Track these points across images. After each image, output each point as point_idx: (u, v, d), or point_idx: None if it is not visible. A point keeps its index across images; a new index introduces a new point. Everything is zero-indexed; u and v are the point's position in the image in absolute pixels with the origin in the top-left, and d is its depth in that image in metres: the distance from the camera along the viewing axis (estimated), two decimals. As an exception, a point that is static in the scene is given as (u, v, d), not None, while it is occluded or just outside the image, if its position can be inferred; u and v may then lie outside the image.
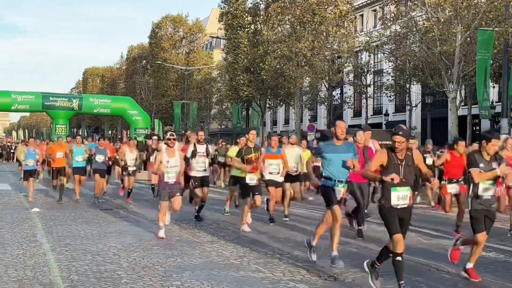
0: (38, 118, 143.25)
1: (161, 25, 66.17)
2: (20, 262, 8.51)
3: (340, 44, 39.53)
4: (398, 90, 43.94)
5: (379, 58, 46.07)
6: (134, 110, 53.77)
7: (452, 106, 31.52)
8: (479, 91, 28.12)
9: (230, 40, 45.00)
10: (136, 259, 8.78)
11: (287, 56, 38.59)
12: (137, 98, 66.50)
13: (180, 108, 58.41)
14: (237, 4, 43.77)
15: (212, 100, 66.71)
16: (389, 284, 7.36)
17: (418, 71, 36.89)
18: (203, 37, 67.77)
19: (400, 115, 46.89)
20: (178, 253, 9.33)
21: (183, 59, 64.00)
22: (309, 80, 41.24)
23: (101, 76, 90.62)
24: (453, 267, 8.32)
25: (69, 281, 7.42)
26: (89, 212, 14.71)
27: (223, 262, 8.67)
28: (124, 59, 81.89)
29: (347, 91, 49.44)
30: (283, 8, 39.30)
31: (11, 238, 10.61)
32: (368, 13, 51.92)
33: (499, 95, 33.20)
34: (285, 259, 8.78)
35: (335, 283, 7.51)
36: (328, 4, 38.80)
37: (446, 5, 29.98)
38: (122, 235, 11.11)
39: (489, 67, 27.93)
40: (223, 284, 7.31)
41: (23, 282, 7.33)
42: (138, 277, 7.60)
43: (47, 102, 51.28)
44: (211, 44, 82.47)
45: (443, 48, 30.02)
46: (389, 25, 34.90)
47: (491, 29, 27.71)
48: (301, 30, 38.47)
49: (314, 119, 52.84)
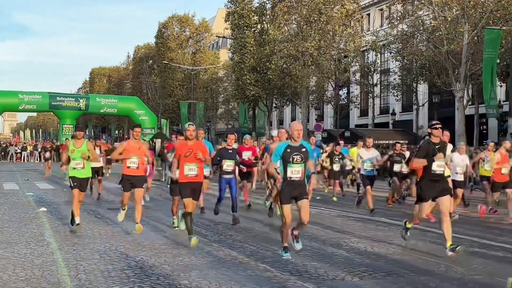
0: (45, 118, 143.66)
1: (167, 25, 66.26)
2: (28, 261, 8.52)
3: (347, 43, 39.51)
4: (405, 89, 43.87)
5: (386, 57, 45.98)
6: (141, 110, 53.88)
7: (459, 105, 31.43)
8: (486, 90, 28.03)
9: (237, 39, 45.02)
10: (144, 258, 8.77)
11: (294, 56, 38.57)
12: (144, 98, 66.65)
13: (187, 108, 58.47)
14: (243, 4, 43.81)
15: (219, 100, 66.76)
16: (388, 284, 7.33)
17: (425, 70, 36.83)
18: (209, 36, 67.83)
19: (407, 115, 46.78)
20: (186, 252, 9.32)
21: (189, 59, 64.06)
22: (315, 80, 41.23)
23: (107, 76, 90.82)
24: (461, 266, 8.28)
25: (77, 280, 7.41)
26: (96, 212, 14.73)
27: (230, 261, 8.65)
28: (130, 59, 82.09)
29: (353, 91, 49.38)
30: (290, 7, 39.30)
31: (19, 237, 10.62)
32: (374, 12, 51.81)
33: (507, 94, 33.09)
34: (293, 258, 8.76)
35: (343, 282, 7.48)
36: (335, 4, 38.78)
37: (453, 4, 29.90)
38: (129, 234, 11.10)
39: (495, 66, 27.83)
40: (230, 283, 7.29)
41: (31, 281, 7.33)
42: (145, 276, 7.59)
43: (54, 102, 51.46)
44: (218, 44, 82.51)
45: (450, 47, 29.95)
46: (396, 24, 34.85)
47: (498, 28, 27.63)
48: (307, 29, 38.45)
49: (321, 118, 52.78)
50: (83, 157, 11.30)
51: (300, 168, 8.65)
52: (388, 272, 8.00)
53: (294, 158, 8.60)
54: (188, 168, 9.97)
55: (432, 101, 40.29)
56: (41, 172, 34.03)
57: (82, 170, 11.39)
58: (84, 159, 11.34)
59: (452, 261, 8.61)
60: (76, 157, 11.33)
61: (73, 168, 11.36)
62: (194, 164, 10.02)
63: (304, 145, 8.78)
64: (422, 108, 43.13)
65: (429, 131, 9.31)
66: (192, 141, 10.09)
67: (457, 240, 9.78)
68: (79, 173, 11.37)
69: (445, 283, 7.46)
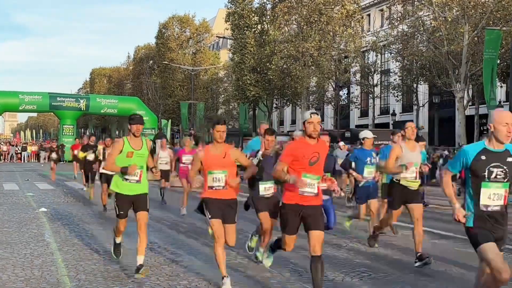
0: (45, 119, 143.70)
1: (168, 25, 66.27)
2: (27, 261, 8.51)
3: (347, 44, 39.53)
4: (405, 90, 43.86)
5: (386, 58, 45.98)
6: (141, 110, 53.80)
7: (459, 105, 31.43)
8: (486, 91, 28.03)
9: (237, 40, 45.04)
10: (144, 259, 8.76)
11: (294, 56, 38.58)
12: (144, 98, 66.63)
13: (187, 108, 58.49)
14: (243, 4, 43.81)
15: (219, 100, 66.76)
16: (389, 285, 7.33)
17: (425, 71, 36.82)
18: (209, 37, 67.84)
19: (407, 115, 46.77)
20: (185, 252, 9.32)
21: (189, 59, 64.07)
22: (316, 80, 41.23)
23: (108, 77, 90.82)
24: (460, 268, 8.27)
25: (76, 280, 7.41)
26: (96, 212, 14.72)
27: (230, 261, 8.64)
28: (131, 59, 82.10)
29: (354, 91, 49.37)
30: (290, 8, 39.31)
31: (19, 237, 10.61)
32: (375, 12, 51.81)
33: (507, 94, 33.07)
34: (293, 259, 8.75)
35: (342, 282, 7.48)
36: (335, 4, 38.79)
37: (453, 5, 29.91)
38: (129, 235, 11.09)
39: (496, 66, 27.83)
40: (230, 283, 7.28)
41: (31, 281, 7.32)
42: (145, 277, 7.59)
43: (54, 102, 51.43)
44: (218, 44, 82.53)
45: (450, 47, 29.96)
46: (396, 25, 34.87)
47: (498, 29, 27.62)
48: (308, 30, 38.47)
49: (321, 119, 52.73)
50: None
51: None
52: (388, 272, 7.99)
53: None
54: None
55: (432, 101, 40.25)
56: (40, 172, 33.99)
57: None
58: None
59: (452, 262, 8.60)
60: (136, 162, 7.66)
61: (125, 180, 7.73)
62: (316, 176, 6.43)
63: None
64: (422, 108, 43.12)
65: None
66: (315, 139, 6.42)
67: (456, 240, 9.77)
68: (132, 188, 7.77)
69: (445, 284, 7.45)
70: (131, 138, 7.66)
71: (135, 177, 7.62)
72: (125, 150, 7.61)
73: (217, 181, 6.93)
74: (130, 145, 7.63)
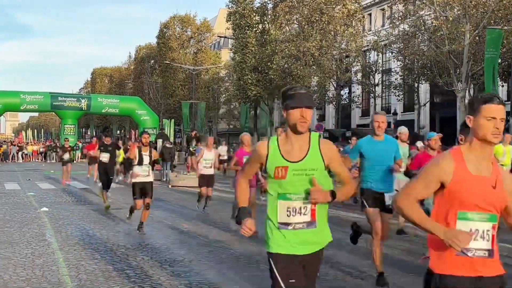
0: (47, 118, 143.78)
1: (169, 25, 66.28)
2: (28, 261, 8.52)
3: (348, 43, 39.50)
4: (407, 89, 43.81)
5: (388, 57, 45.93)
6: (143, 110, 53.84)
7: (461, 105, 31.40)
8: (487, 90, 27.98)
9: (238, 39, 45.02)
10: (145, 258, 8.78)
11: (295, 56, 38.57)
12: (145, 98, 66.69)
13: (188, 108, 58.48)
14: (245, 4, 43.79)
15: (220, 100, 66.76)
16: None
17: (426, 70, 36.77)
18: (211, 36, 67.85)
19: (409, 115, 46.75)
20: (186, 252, 9.32)
21: (191, 58, 64.08)
22: (317, 80, 41.21)
23: (109, 76, 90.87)
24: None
25: (78, 280, 7.42)
26: (98, 212, 14.73)
27: (231, 261, 8.65)
28: (132, 59, 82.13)
29: (355, 91, 49.34)
30: (291, 7, 39.30)
31: (20, 237, 10.63)
32: (376, 12, 51.79)
33: (508, 94, 33.05)
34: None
35: (344, 282, 7.48)
36: (336, 3, 38.77)
37: (454, 4, 29.87)
38: (130, 234, 11.11)
39: (497, 66, 27.79)
40: (231, 283, 7.29)
41: (32, 281, 7.33)
42: (146, 276, 7.60)
43: (55, 102, 51.46)
44: (219, 44, 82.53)
45: (451, 47, 29.92)
46: (397, 24, 34.82)
47: (499, 28, 27.57)
48: (309, 29, 38.45)
49: (322, 118, 52.80)
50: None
51: None
52: (389, 272, 7.99)
53: None
54: None
55: (433, 101, 40.26)
56: (41, 172, 33.97)
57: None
58: None
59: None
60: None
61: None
62: None
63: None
64: (423, 108, 43.08)
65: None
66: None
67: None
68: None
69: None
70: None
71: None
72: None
73: None
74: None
